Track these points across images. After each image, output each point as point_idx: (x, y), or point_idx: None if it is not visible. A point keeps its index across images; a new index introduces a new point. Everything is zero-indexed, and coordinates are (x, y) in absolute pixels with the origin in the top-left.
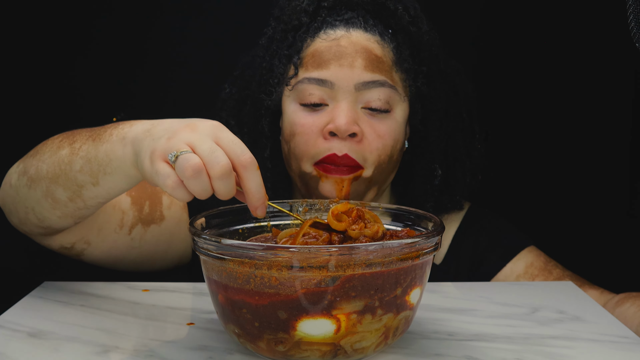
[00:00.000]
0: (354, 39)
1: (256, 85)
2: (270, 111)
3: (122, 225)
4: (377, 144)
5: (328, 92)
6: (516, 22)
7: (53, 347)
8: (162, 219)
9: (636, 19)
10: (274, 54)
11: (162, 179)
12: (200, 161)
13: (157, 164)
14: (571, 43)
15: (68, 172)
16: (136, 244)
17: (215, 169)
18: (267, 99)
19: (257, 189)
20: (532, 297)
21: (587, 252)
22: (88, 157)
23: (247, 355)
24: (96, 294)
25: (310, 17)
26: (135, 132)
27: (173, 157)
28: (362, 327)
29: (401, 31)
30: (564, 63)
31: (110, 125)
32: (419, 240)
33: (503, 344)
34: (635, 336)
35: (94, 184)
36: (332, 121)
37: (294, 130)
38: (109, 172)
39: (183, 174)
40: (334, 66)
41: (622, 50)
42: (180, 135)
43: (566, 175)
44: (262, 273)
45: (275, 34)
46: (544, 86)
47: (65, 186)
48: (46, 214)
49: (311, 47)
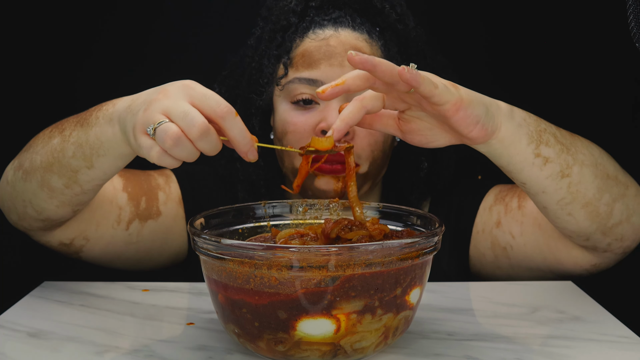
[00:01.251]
0: (343, 39)
1: (245, 84)
2: (260, 110)
3: (119, 220)
4: (369, 140)
5: None
6: (516, 22)
7: (53, 347)
8: (158, 215)
9: (636, 19)
10: (262, 54)
11: (146, 151)
12: (178, 129)
13: (139, 138)
14: (571, 43)
15: (61, 159)
16: (134, 240)
17: (193, 131)
18: (257, 99)
19: (242, 135)
20: (532, 297)
21: None
22: (79, 142)
23: (247, 355)
24: (96, 294)
25: (299, 17)
26: (118, 111)
27: (152, 130)
28: (362, 327)
29: (388, 29)
30: (563, 63)
31: (95, 107)
32: (419, 240)
33: (503, 344)
34: (636, 336)
35: (88, 167)
36: (323, 119)
37: (286, 128)
38: (102, 153)
39: (164, 144)
40: (324, 66)
41: (622, 51)
42: (154, 105)
43: None
44: (262, 273)
45: (263, 34)
46: (543, 86)
47: (60, 173)
48: (44, 205)
49: (300, 47)
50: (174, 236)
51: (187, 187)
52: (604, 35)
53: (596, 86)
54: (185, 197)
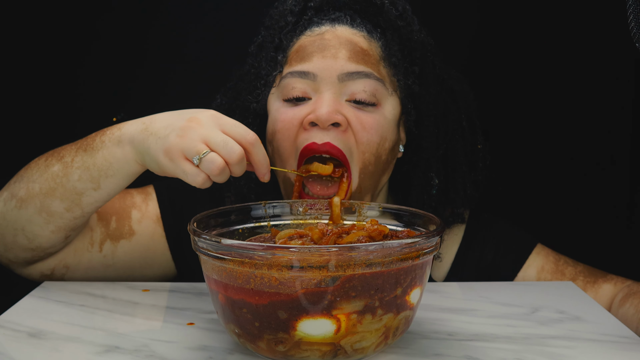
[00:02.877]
0: (338, 33)
1: (245, 93)
2: (257, 115)
3: (92, 242)
4: (362, 136)
5: (311, 84)
6: (516, 22)
7: (53, 347)
8: (131, 234)
9: (636, 19)
10: (262, 58)
11: (192, 177)
12: (223, 161)
13: (183, 164)
14: (571, 43)
15: (65, 183)
16: (109, 262)
17: (232, 158)
18: (253, 100)
19: (265, 159)
20: (532, 297)
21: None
22: (85, 165)
23: (247, 355)
24: (96, 294)
25: (297, 17)
26: (130, 133)
27: (197, 160)
28: (362, 327)
29: (389, 28)
30: (564, 63)
31: (96, 133)
32: (419, 240)
33: (503, 344)
34: (635, 336)
35: (95, 188)
36: (312, 112)
37: (275, 127)
38: (110, 174)
39: (210, 173)
40: (317, 58)
41: (622, 51)
42: (191, 133)
43: (566, 175)
44: (262, 273)
45: (264, 40)
46: (544, 87)
47: (63, 197)
48: (38, 231)
49: (296, 44)
50: (154, 255)
51: (166, 204)
52: (604, 35)
53: (596, 87)
54: (165, 215)
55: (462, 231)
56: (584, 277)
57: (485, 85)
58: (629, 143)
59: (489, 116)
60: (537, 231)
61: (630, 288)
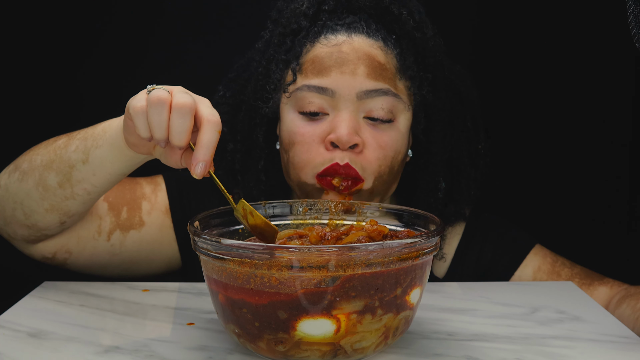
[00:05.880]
0: (356, 45)
1: (251, 90)
2: (266, 119)
3: (100, 231)
4: (378, 155)
5: (329, 100)
6: (515, 22)
7: (53, 347)
8: (141, 225)
9: (636, 19)
10: (270, 58)
11: (135, 101)
12: (168, 95)
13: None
14: (571, 43)
15: (63, 154)
16: (117, 251)
17: (178, 99)
18: (263, 106)
19: (208, 145)
20: (532, 297)
21: (587, 251)
22: (85, 136)
23: (247, 355)
24: (96, 294)
25: (310, 20)
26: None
27: (150, 87)
28: (362, 327)
29: (405, 37)
30: (564, 63)
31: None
32: (419, 240)
33: (503, 344)
34: (635, 336)
35: (84, 161)
36: (333, 131)
37: (293, 139)
38: (100, 144)
39: (150, 99)
40: (335, 73)
41: (622, 50)
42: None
43: (566, 174)
44: (262, 273)
45: (272, 37)
46: (543, 86)
47: (58, 169)
48: (34, 206)
49: (311, 52)
50: (161, 246)
51: (175, 196)
52: (604, 35)
53: (596, 87)
54: (173, 207)
55: (462, 228)
56: (580, 279)
57: (484, 85)
58: (629, 143)
59: (488, 115)
60: (537, 231)
61: (627, 291)
